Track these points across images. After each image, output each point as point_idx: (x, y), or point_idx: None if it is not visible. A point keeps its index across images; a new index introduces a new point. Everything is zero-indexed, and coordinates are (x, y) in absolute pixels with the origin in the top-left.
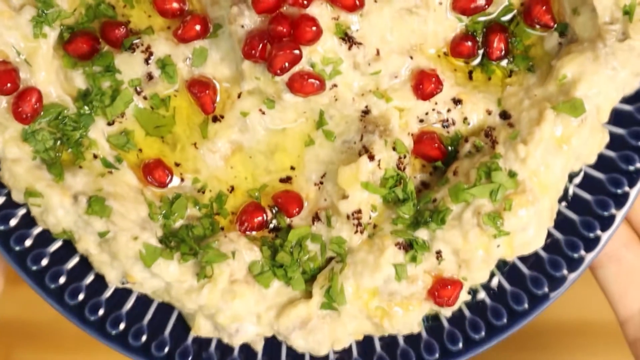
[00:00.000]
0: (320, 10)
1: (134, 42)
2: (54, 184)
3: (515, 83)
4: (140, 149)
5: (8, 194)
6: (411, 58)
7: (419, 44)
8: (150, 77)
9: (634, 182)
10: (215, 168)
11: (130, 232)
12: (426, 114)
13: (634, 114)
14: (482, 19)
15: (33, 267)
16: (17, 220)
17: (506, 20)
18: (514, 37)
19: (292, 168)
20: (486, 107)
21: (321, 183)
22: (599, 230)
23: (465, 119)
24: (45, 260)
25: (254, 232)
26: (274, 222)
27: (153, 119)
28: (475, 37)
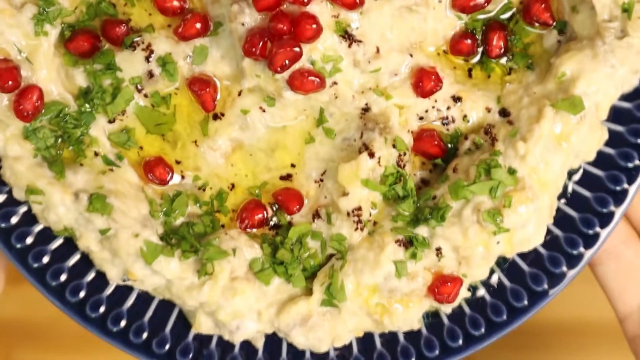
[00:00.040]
0: (320, 8)
1: (134, 40)
2: (55, 182)
3: (514, 81)
4: (141, 147)
5: (9, 192)
6: (411, 56)
7: (418, 42)
8: (150, 75)
9: (632, 179)
10: (216, 166)
11: (131, 230)
12: (426, 111)
13: (633, 112)
14: (482, 17)
15: (34, 265)
16: (19, 217)
17: (505, 18)
18: (513, 35)
19: (293, 165)
20: (486, 105)
21: (321, 180)
22: (598, 227)
23: (464, 117)
24: (47, 258)
25: (254, 230)
26: (274, 220)
27: (154, 117)
28: (475, 35)
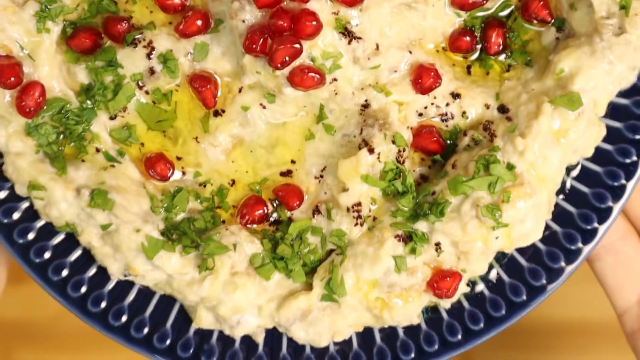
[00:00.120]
0: (320, 5)
1: (136, 37)
2: (57, 178)
3: (513, 77)
4: (142, 143)
5: (11, 188)
6: (410, 53)
7: (418, 39)
8: (152, 72)
9: (630, 175)
10: (217, 162)
11: (132, 225)
12: (425, 108)
13: (631, 108)
14: (481, 14)
15: (36, 260)
16: (20, 213)
17: (504, 16)
18: (511, 32)
19: (293, 162)
20: (484, 101)
21: (321, 176)
22: (596, 223)
23: (463, 113)
24: (48, 253)
25: (254, 225)
26: (274, 215)
27: (155, 114)
28: (474, 32)
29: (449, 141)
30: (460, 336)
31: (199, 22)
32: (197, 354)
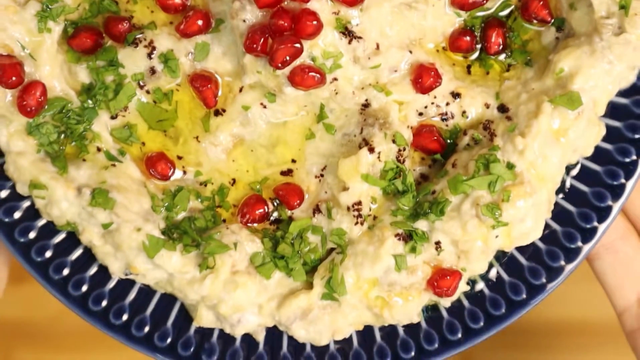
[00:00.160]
0: (320, 5)
1: (137, 37)
2: (58, 177)
3: (513, 77)
4: (143, 142)
5: (13, 187)
6: (410, 52)
7: (418, 39)
8: (153, 72)
9: (630, 174)
10: (217, 161)
11: (133, 224)
12: (425, 107)
13: (630, 107)
14: (481, 14)
15: (37, 259)
16: (22, 212)
17: (504, 15)
18: (511, 32)
19: (293, 161)
20: (484, 101)
21: (322, 175)
22: (595, 222)
23: (463, 113)
24: (49, 252)
25: (255, 224)
26: (275, 214)
27: (156, 113)
28: (474, 32)
29: (449, 140)
30: (460, 335)
31: (200, 22)
32: (198, 352)
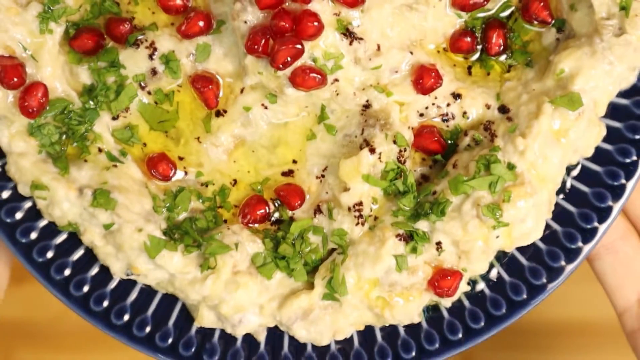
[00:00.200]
0: (322, 6)
1: (138, 38)
2: (59, 177)
3: (513, 78)
4: (144, 143)
5: (14, 187)
6: (411, 53)
7: (419, 40)
8: (154, 73)
9: (630, 175)
10: (219, 162)
11: (134, 225)
12: (426, 108)
13: (631, 108)
14: (481, 15)
15: (39, 259)
16: (23, 213)
17: (505, 16)
18: (512, 33)
19: (294, 161)
20: (485, 102)
21: (323, 176)
22: (596, 222)
23: (464, 113)
24: (51, 253)
25: (256, 225)
26: (276, 215)
27: (157, 114)
28: (474, 33)
29: (449, 141)
30: (460, 335)
31: (201, 23)
32: (199, 352)
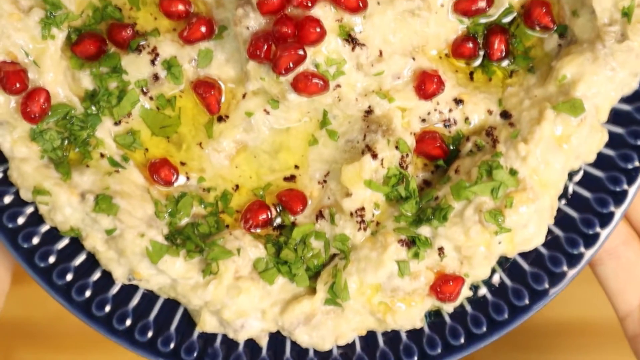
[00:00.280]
0: (324, 12)
1: (140, 44)
2: (61, 183)
3: (515, 83)
4: (146, 149)
5: (16, 193)
6: (413, 59)
7: (421, 46)
8: (156, 78)
9: (632, 180)
10: (221, 167)
11: (136, 230)
12: (428, 113)
13: (633, 114)
14: (483, 20)
15: (41, 265)
16: (25, 218)
17: (507, 22)
18: (514, 39)
19: (296, 167)
20: (487, 107)
21: (325, 181)
22: (598, 228)
23: (466, 119)
24: (53, 258)
25: (258, 230)
26: (278, 220)
27: (159, 119)
28: (477, 39)
29: (451, 147)
30: (463, 340)
31: (203, 29)
32: (201, 357)
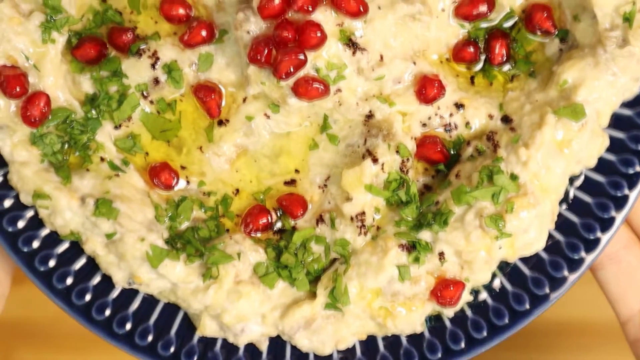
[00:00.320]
0: (324, 17)
1: (140, 48)
2: (61, 187)
3: (516, 88)
4: (146, 153)
5: (16, 196)
6: (414, 63)
7: (422, 50)
8: (156, 82)
9: (633, 185)
10: (221, 171)
11: (137, 234)
12: (429, 118)
13: (634, 118)
14: (484, 25)
15: (40, 268)
16: (25, 222)
17: (508, 27)
18: (515, 43)
19: (297, 171)
20: (488, 112)
21: (325, 186)
22: (599, 232)
23: (467, 123)
24: (53, 262)
25: (259, 234)
26: (278, 224)
27: (159, 123)
28: (478, 43)
29: (452, 151)
30: (463, 344)
31: (204, 33)
32: None
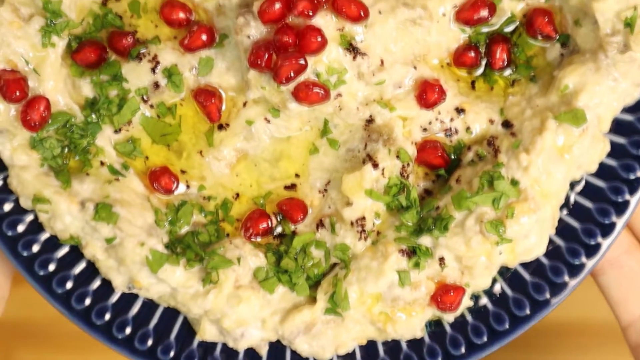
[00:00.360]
0: (325, 21)
1: (140, 52)
2: (61, 191)
3: (517, 93)
4: (146, 157)
5: (16, 201)
6: (415, 68)
7: (422, 55)
8: (156, 86)
9: (634, 190)
10: (221, 175)
11: (136, 238)
12: (429, 123)
13: (635, 124)
14: (485, 29)
15: (40, 273)
16: (25, 226)
17: (509, 31)
18: (516, 48)
19: (297, 176)
20: (489, 117)
21: (325, 190)
22: (599, 238)
23: (468, 128)
24: (53, 266)
25: (259, 239)
26: (278, 229)
27: (159, 127)
28: (478, 48)
29: (453, 156)
30: (463, 349)
31: (204, 37)
32: None
